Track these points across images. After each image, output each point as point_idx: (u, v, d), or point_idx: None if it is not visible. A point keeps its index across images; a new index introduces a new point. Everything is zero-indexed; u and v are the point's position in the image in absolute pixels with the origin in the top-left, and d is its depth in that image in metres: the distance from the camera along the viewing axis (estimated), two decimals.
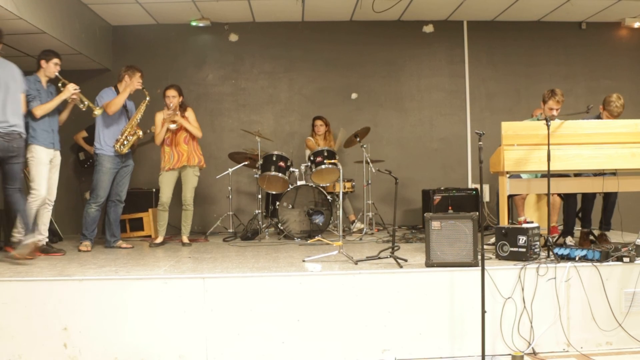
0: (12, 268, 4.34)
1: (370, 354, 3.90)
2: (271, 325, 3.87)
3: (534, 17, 7.62)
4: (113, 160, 5.53)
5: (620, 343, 4.03)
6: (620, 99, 5.07)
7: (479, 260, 3.96)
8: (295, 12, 7.28)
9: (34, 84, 4.97)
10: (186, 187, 5.82)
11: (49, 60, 5.02)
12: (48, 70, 5.03)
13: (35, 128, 4.95)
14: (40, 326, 3.78)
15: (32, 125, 4.93)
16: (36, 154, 4.94)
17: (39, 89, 4.99)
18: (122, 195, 5.72)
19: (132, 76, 5.55)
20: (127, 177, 5.73)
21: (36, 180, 4.94)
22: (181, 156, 5.71)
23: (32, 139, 4.93)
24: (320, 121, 7.00)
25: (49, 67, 5.02)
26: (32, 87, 4.93)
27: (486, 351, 3.65)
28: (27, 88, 4.84)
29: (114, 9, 6.88)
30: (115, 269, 4.25)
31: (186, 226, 5.89)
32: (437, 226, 4.16)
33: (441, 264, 4.07)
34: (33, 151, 4.94)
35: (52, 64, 5.03)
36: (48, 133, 5.04)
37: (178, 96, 5.69)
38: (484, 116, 7.77)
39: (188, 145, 5.76)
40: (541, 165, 4.50)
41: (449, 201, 6.65)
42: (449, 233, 4.11)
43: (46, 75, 5.06)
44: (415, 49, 7.81)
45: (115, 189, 5.66)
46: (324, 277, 3.98)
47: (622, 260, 4.10)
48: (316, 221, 6.12)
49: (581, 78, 7.83)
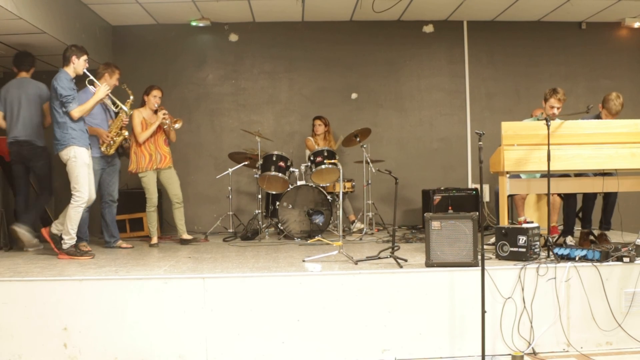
0: (12, 268, 4.34)
1: (370, 354, 3.90)
2: (271, 325, 3.87)
3: (534, 17, 7.62)
4: (99, 162, 5.45)
5: (620, 343, 4.03)
6: (620, 98, 5.07)
7: (479, 260, 3.96)
8: (295, 12, 7.27)
9: (70, 82, 4.83)
10: (175, 185, 5.87)
11: (80, 56, 4.90)
12: (79, 67, 4.91)
13: (76, 129, 4.83)
14: (40, 326, 3.78)
15: (71, 126, 4.80)
16: (78, 154, 4.81)
17: (74, 89, 4.87)
18: (114, 195, 5.68)
19: (112, 75, 5.45)
20: (115, 175, 5.67)
21: (79, 181, 4.80)
22: (164, 158, 5.78)
23: (74, 140, 4.80)
24: (319, 121, 7.00)
25: (79, 64, 4.91)
26: (69, 87, 4.79)
27: (486, 351, 3.65)
28: (63, 91, 4.74)
29: (114, 9, 6.87)
30: (115, 269, 4.25)
31: (183, 222, 5.91)
32: (437, 226, 4.16)
33: (441, 264, 4.07)
34: (75, 152, 4.81)
35: (82, 61, 4.91)
36: (84, 133, 4.95)
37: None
38: (484, 116, 7.77)
39: (169, 147, 5.88)
40: (541, 165, 4.49)
41: (449, 201, 6.64)
42: (449, 233, 4.11)
43: (75, 72, 4.93)
44: (415, 49, 7.81)
45: (107, 189, 5.62)
46: (324, 277, 3.98)
47: (622, 260, 4.10)
48: (316, 221, 6.12)
49: (581, 78, 7.83)
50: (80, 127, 4.90)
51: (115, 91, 5.56)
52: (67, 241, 4.85)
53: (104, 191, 5.63)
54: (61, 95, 4.74)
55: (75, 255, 4.81)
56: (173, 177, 5.88)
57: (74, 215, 4.81)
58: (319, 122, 6.99)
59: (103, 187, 5.61)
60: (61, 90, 4.74)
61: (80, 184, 4.82)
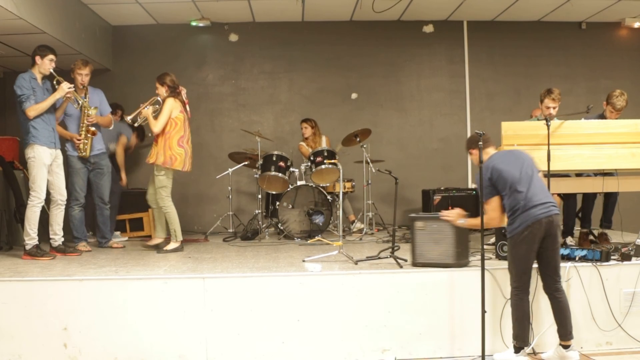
0: (12, 268, 4.34)
1: (370, 354, 3.91)
2: (271, 325, 3.87)
3: (534, 17, 7.62)
4: (79, 161, 5.40)
5: (620, 343, 4.04)
6: (624, 94, 5.07)
7: (460, 262, 3.97)
8: (295, 12, 7.27)
9: (29, 81, 4.81)
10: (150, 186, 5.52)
11: (43, 56, 4.84)
12: (43, 66, 4.86)
13: (37, 127, 4.81)
14: (40, 326, 3.79)
15: (32, 124, 4.78)
16: (38, 154, 4.80)
17: (34, 87, 4.84)
18: (104, 197, 5.62)
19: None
20: (103, 178, 5.57)
21: (36, 181, 4.79)
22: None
23: (34, 139, 4.79)
24: (306, 124, 6.96)
25: (43, 64, 4.85)
26: (27, 86, 4.77)
27: (486, 351, 3.65)
28: (18, 90, 4.74)
29: (114, 9, 6.87)
30: (115, 269, 4.25)
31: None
32: (421, 226, 4.18)
33: (425, 264, 4.09)
34: (35, 151, 4.79)
35: (47, 60, 4.84)
36: (49, 132, 4.90)
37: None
38: (484, 116, 7.77)
39: (155, 143, 5.36)
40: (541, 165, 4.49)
41: (449, 201, 6.63)
42: (432, 233, 4.12)
43: (41, 72, 4.89)
44: (415, 49, 7.81)
45: (96, 191, 5.59)
46: (324, 277, 3.99)
47: (622, 260, 4.10)
48: (316, 221, 6.12)
49: (581, 78, 7.82)
50: (43, 125, 4.85)
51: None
52: (28, 242, 4.82)
53: (94, 194, 5.62)
54: (16, 94, 4.77)
55: (36, 256, 4.78)
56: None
57: (30, 215, 4.79)
58: (305, 124, 6.97)
59: (93, 189, 5.59)
60: (16, 89, 4.77)
61: (36, 183, 4.80)
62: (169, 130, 5.19)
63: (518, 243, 3.60)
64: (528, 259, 3.62)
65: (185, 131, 5.28)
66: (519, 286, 3.65)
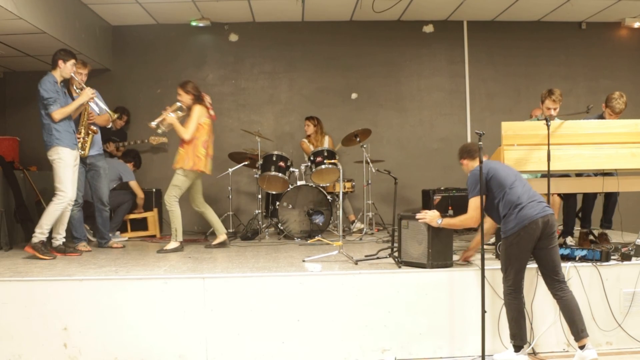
0: (12, 268, 4.34)
1: (370, 353, 3.91)
2: (271, 325, 3.87)
3: (534, 17, 7.62)
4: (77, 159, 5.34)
5: (620, 343, 4.04)
6: (623, 97, 5.06)
7: (435, 263, 3.97)
8: (295, 12, 7.28)
9: (53, 85, 4.89)
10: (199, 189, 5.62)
11: (66, 60, 4.93)
12: (65, 70, 4.94)
13: (60, 130, 4.89)
14: (40, 326, 3.79)
15: (55, 127, 4.86)
16: (63, 155, 4.89)
17: (58, 91, 4.92)
18: (102, 199, 5.61)
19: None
20: (99, 179, 5.58)
21: (63, 181, 4.87)
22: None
23: (58, 141, 4.87)
24: (308, 121, 7.01)
25: (66, 68, 4.94)
26: (52, 89, 4.85)
27: (486, 351, 3.65)
28: (44, 94, 4.79)
29: (114, 9, 6.87)
30: (115, 269, 4.25)
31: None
32: (405, 225, 4.19)
33: (407, 263, 4.11)
34: (59, 153, 4.87)
35: (69, 65, 4.95)
36: (70, 134, 5.00)
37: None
38: (484, 116, 7.77)
39: (181, 147, 5.41)
40: (541, 165, 4.49)
41: (449, 201, 6.63)
42: (414, 233, 4.13)
43: (62, 75, 4.98)
44: (415, 49, 7.81)
45: (95, 193, 5.59)
46: (324, 277, 3.99)
47: (622, 260, 4.10)
48: (316, 221, 6.12)
49: (581, 78, 7.82)
50: (65, 128, 4.95)
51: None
52: (38, 235, 4.84)
53: (93, 195, 5.63)
54: (42, 97, 4.82)
55: (37, 252, 4.80)
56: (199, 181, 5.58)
57: (53, 212, 4.84)
58: (307, 122, 7.01)
59: (92, 191, 5.61)
60: (43, 93, 4.82)
61: (63, 183, 4.88)
62: (197, 135, 5.29)
63: (514, 243, 3.62)
64: (523, 258, 3.65)
65: (209, 137, 5.41)
66: (513, 285, 3.67)
